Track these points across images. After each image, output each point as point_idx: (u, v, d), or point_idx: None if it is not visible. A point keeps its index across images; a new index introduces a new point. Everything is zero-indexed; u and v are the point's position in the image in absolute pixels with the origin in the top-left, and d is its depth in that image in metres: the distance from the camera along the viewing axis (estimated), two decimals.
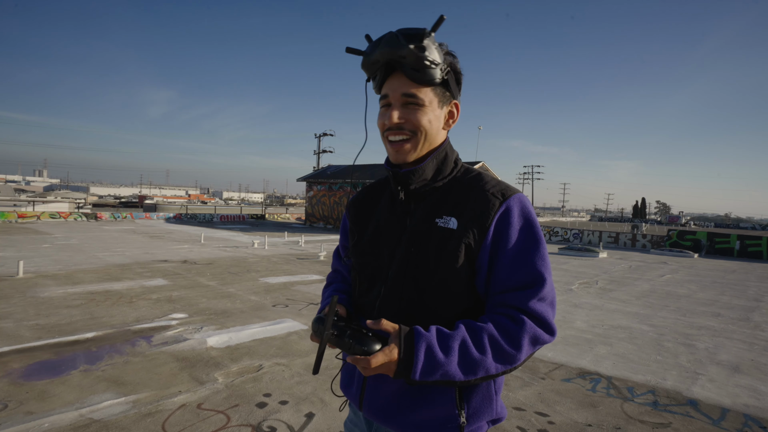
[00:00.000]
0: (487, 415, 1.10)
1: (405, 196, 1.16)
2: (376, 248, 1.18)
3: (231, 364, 4.36)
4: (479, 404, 1.09)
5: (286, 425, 3.22)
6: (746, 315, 7.85)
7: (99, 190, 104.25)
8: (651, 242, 23.16)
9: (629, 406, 3.82)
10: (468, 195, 1.10)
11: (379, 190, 1.30)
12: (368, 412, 1.15)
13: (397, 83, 1.06)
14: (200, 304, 6.78)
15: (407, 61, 1.02)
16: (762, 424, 3.58)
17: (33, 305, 6.32)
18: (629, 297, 9.07)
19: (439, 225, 1.08)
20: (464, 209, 1.08)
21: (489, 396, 1.10)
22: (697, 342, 5.92)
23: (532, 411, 3.64)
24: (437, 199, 1.13)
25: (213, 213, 32.59)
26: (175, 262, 11.04)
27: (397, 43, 1.01)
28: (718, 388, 4.30)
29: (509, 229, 1.05)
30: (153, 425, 3.14)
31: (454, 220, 1.07)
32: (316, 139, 35.62)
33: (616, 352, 5.29)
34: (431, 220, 1.10)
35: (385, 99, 1.09)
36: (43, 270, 9.21)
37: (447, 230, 1.06)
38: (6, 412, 3.25)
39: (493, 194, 1.07)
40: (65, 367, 4.14)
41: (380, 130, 1.13)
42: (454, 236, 1.06)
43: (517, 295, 1.02)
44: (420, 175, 1.12)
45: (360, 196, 1.34)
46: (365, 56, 1.07)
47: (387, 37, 1.03)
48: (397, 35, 1.02)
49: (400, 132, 1.07)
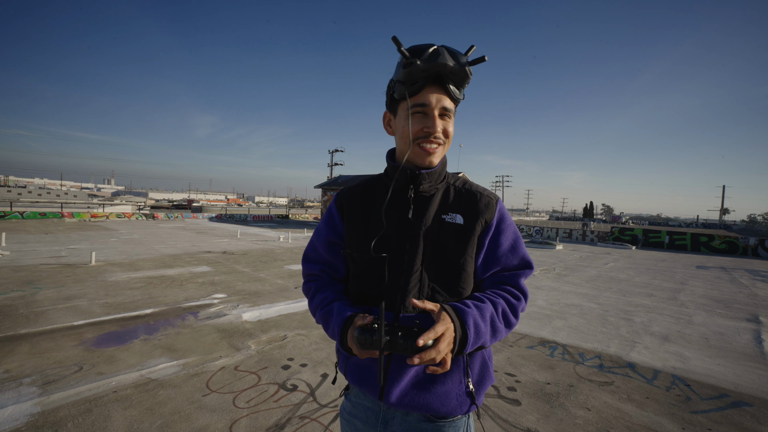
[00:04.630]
0: (488, 381, 1.05)
1: (414, 194, 1.05)
2: (385, 242, 1.03)
3: (261, 335, 4.35)
4: (480, 371, 1.03)
5: (305, 383, 3.22)
6: (674, 295, 7.85)
7: (155, 195, 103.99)
8: (598, 237, 23.14)
9: (580, 368, 3.81)
10: (468, 197, 1.07)
11: (371, 189, 1.12)
12: (390, 402, 0.99)
13: (439, 95, 0.95)
14: (237, 286, 6.76)
15: (456, 78, 0.94)
16: (686, 383, 3.58)
17: (103, 287, 6.32)
18: (580, 281, 9.05)
19: (447, 221, 1.03)
20: (469, 208, 1.04)
21: (485, 363, 1.05)
22: (635, 317, 5.91)
23: (502, 372, 3.64)
24: (439, 199, 1.07)
25: (247, 213, 32.53)
26: (216, 253, 11.03)
27: (456, 60, 0.92)
28: (651, 354, 4.30)
29: (504, 224, 1.07)
30: (199, 383, 3.14)
31: (459, 216, 1.03)
32: (329, 154, 35.52)
33: (570, 325, 5.28)
34: (438, 216, 1.04)
35: (423, 107, 0.96)
36: (111, 259, 9.20)
37: (456, 225, 1.02)
38: (81, 372, 3.25)
39: (489, 197, 1.07)
40: (128, 336, 4.13)
41: (413, 134, 0.98)
42: (465, 229, 1.02)
43: (514, 274, 1.05)
44: (431, 177, 1.05)
45: (354, 194, 1.13)
46: (424, 62, 0.91)
47: (442, 52, 0.92)
48: (454, 54, 0.92)
49: (437, 140, 0.99)
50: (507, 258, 1.04)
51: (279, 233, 18.50)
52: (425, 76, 0.93)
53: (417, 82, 0.94)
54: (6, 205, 24.62)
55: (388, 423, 1.04)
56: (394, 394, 0.98)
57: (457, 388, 0.99)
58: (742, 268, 13.41)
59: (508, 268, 1.05)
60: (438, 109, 0.96)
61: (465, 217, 1.03)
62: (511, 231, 1.07)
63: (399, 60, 0.95)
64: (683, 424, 2.85)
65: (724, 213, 65.47)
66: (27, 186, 56.36)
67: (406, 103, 0.98)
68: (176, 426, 2.54)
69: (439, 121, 0.97)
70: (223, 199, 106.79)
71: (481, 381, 1.03)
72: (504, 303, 0.98)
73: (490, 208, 1.05)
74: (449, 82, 0.95)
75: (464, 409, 1.00)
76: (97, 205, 30.38)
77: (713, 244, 19.44)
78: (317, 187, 30.07)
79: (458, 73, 0.93)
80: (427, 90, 0.95)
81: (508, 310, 0.98)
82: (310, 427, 2.60)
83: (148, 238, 14.39)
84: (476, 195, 1.07)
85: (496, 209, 1.06)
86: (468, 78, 0.95)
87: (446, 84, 0.95)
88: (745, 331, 5.42)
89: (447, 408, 0.98)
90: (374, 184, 1.13)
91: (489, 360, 1.07)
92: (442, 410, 0.98)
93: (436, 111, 0.96)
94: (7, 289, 5.96)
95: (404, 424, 1.02)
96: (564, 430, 2.70)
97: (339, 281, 1.15)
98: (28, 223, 18.48)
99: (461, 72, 0.93)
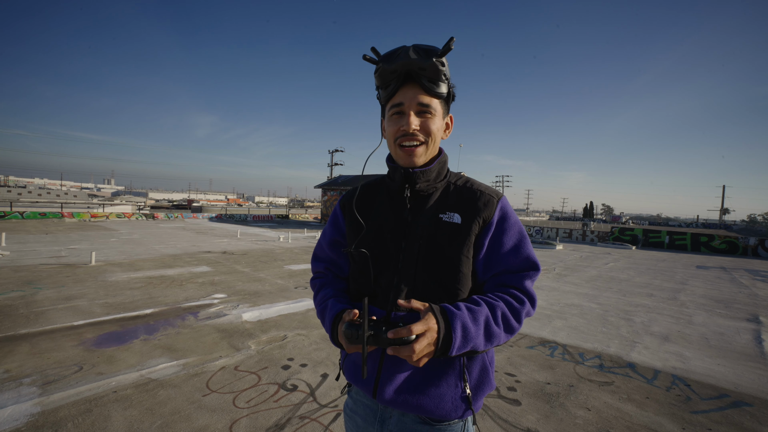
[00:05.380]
0: (488, 387, 1.02)
1: (410, 193, 1.05)
2: (381, 241, 1.05)
3: (261, 335, 4.35)
4: (479, 376, 1.01)
5: (305, 383, 3.21)
6: (674, 295, 7.84)
7: (155, 195, 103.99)
8: (598, 237, 23.15)
9: (580, 368, 3.81)
10: (467, 195, 1.04)
11: (374, 190, 1.15)
12: (383, 400, 0.99)
13: (412, 93, 0.96)
14: (237, 287, 6.76)
15: (426, 73, 0.93)
16: (686, 383, 3.58)
17: (103, 287, 6.32)
18: (580, 281, 9.05)
19: (444, 220, 1.01)
20: (468, 207, 1.02)
21: (485, 368, 1.02)
22: (635, 317, 5.91)
23: (502, 372, 3.64)
24: (438, 198, 1.05)
25: (247, 213, 32.54)
26: (216, 253, 11.02)
27: (420, 56, 0.92)
28: (651, 354, 4.30)
29: (506, 223, 1.02)
30: (199, 383, 3.14)
31: (457, 215, 1.01)
32: (329, 154, 35.52)
33: (570, 325, 5.28)
34: (436, 216, 1.02)
35: (399, 107, 0.97)
36: (111, 259, 9.20)
37: (453, 224, 1.00)
38: (81, 372, 3.25)
39: (490, 195, 1.04)
40: (128, 336, 4.13)
41: (392, 135, 1.01)
42: (462, 228, 1.00)
43: (518, 276, 1.00)
44: (427, 176, 1.04)
45: (357, 195, 1.14)
46: (386, 65, 0.95)
47: (408, 50, 0.93)
48: (419, 49, 0.93)
49: (414, 138, 0.98)
50: (510, 259, 0.99)
51: (279, 233, 18.49)
52: (396, 77, 0.96)
53: (390, 84, 0.97)
54: (6, 205, 24.62)
55: (385, 422, 1.04)
56: (387, 392, 0.98)
57: (452, 392, 0.97)
58: (742, 268, 13.41)
59: (512, 269, 1.00)
60: (413, 107, 0.97)
61: (463, 216, 1.01)
62: (515, 231, 1.02)
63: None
64: (683, 424, 2.85)
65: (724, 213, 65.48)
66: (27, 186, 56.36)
67: (387, 106, 1.01)
68: (176, 426, 2.54)
69: (414, 119, 0.97)
70: (223, 199, 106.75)
71: (480, 386, 1.00)
72: (504, 306, 0.94)
73: (490, 206, 1.01)
74: (421, 77, 0.94)
75: (459, 413, 0.97)
76: (97, 205, 30.37)
77: (713, 244, 19.44)
78: (317, 187, 30.07)
79: (427, 68, 0.93)
80: (402, 90, 0.97)
81: (509, 313, 0.94)
82: (310, 427, 2.59)
83: (148, 238, 14.38)
84: (476, 193, 1.04)
85: (497, 207, 1.02)
86: (440, 70, 0.94)
87: (419, 80, 0.95)
88: (745, 331, 5.42)
89: (441, 411, 0.97)
90: (377, 185, 1.16)
91: (490, 365, 1.03)
92: (436, 413, 0.97)
93: (411, 109, 0.97)
94: (7, 289, 5.96)
95: (400, 424, 1.02)
96: (564, 430, 2.70)
97: (343, 279, 1.18)
98: (28, 223, 18.48)
99: (431, 66, 0.92)
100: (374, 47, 0.97)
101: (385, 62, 0.95)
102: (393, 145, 1.02)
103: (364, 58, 0.97)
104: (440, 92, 0.97)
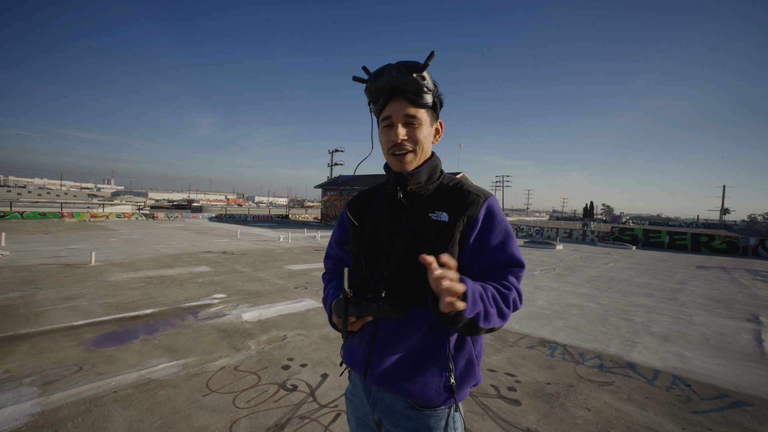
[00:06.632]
0: (472, 379, 1.08)
1: (403, 195, 1.14)
2: (375, 238, 1.14)
3: (261, 335, 4.35)
4: (464, 368, 1.07)
5: (305, 383, 3.22)
6: (674, 295, 7.85)
7: (155, 195, 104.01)
8: (598, 237, 23.15)
9: (580, 368, 3.81)
10: (455, 195, 1.10)
11: (374, 194, 1.27)
12: (372, 380, 1.09)
13: (399, 106, 1.05)
14: (237, 287, 6.76)
15: (409, 87, 1.02)
16: (687, 383, 3.58)
17: (102, 287, 6.32)
18: (580, 281, 9.06)
19: (432, 218, 1.07)
20: (454, 206, 1.07)
21: (471, 361, 1.08)
22: (635, 317, 5.91)
23: (502, 372, 3.64)
24: (429, 199, 1.12)
25: (247, 213, 32.56)
26: (216, 253, 11.03)
27: (401, 72, 1.01)
28: (651, 354, 4.30)
29: (492, 221, 1.06)
30: (199, 383, 3.14)
31: (445, 214, 1.07)
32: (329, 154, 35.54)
33: (570, 325, 5.28)
34: (425, 215, 1.09)
35: (389, 120, 1.07)
36: (111, 259, 9.20)
37: (440, 222, 1.06)
38: (81, 372, 3.25)
39: (477, 194, 1.09)
40: (128, 336, 4.13)
41: (384, 146, 1.11)
42: (448, 226, 1.05)
43: (503, 271, 1.03)
44: (416, 179, 1.12)
45: (358, 198, 1.30)
46: (372, 83, 1.05)
47: (391, 68, 1.02)
48: (400, 66, 1.02)
49: (402, 147, 1.07)
50: (494, 255, 1.03)
51: (279, 233, 18.49)
52: (383, 93, 1.05)
53: (379, 100, 1.07)
54: (6, 205, 24.61)
55: (377, 404, 1.12)
56: (375, 374, 1.08)
57: (437, 380, 1.04)
58: (742, 268, 13.41)
59: (497, 265, 1.03)
60: (401, 118, 1.06)
61: (450, 214, 1.07)
62: (500, 229, 1.06)
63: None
64: (683, 424, 2.85)
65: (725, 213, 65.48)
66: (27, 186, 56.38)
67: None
68: (176, 426, 2.54)
69: (401, 129, 1.06)
70: (223, 199, 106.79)
71: (464, 377, 1.06)
72: (494, 290, 0.96)
73: (475, 204, 1.06)
74: (405, 92, 1.03)
75: (441, 400, 1.04)
76: (96, 205, 30.37)
77: (713, 244, 19.44)
78: (317, 187, 30.07)
79: (410, 83, 1.02)
80: (390, 104, 1.06)
81: (499, 297, 0.96)
82: (310, 427, 2.60)
83: (148, 238, 14.38)
84: (464, 193, 1.10)
85: (482, 206, 1.06)
86: (421, 84, 1.02)
87: (404, 94, 1.03)
88: (746, 331, 5.42)
89: (425, 397, 1.03)
90: (377, 189, 1.28)
91: (477, 359, 1.09)
92: (420, 398, 1.04)
93: (399, 121, 1.06)
94: (7, 289, 5.96)
95: (391, 407, 1.10)
96: (564, 430, 2.70)
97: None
98: (27, 223, 18.48)
99: (412, 81, 1.01)
100: (365, 66, 1.09)
101: (372, 81, 1.06)
102: (386, 154, 1.12)
103: (354, 79, 1.09)
104: (425, 102, 1.05)
